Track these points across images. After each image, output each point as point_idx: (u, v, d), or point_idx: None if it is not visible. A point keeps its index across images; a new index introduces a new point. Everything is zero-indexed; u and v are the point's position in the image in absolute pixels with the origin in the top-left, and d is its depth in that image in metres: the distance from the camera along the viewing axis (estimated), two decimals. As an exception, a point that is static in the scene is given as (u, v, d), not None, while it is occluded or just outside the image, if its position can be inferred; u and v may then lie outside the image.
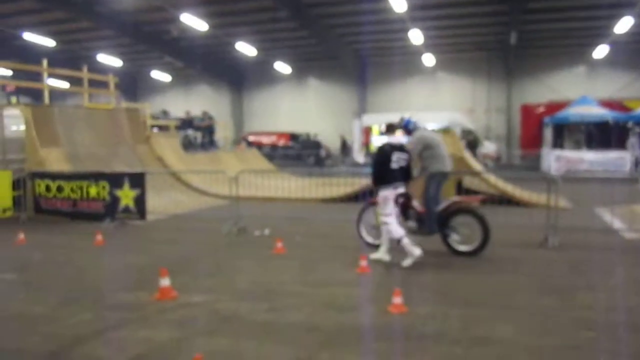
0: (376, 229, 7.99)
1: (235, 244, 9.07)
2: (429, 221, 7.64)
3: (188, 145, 18.73)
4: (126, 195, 10.87)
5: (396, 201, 7.26)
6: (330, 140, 32.26)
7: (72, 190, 11.60)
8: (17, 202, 12.25)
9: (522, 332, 4.72)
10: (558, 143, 25.03)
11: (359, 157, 29.29)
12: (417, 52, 29.59)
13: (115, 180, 11.02)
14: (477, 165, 14.50)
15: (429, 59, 30.44)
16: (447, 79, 32.62)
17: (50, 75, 16.23)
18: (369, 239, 8.24)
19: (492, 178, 13.23)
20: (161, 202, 12.31)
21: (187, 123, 19.72)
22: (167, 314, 5.35)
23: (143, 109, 18.39)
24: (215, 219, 11.29)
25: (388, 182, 7.15)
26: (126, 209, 10.89)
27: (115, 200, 10.95)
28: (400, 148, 7.30)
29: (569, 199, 12.48)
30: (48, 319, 5.31)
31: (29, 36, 26.22)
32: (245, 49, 28.52)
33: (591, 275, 6.68)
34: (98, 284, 6.70)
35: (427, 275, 6.75)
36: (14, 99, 13.83)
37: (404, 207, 7.59)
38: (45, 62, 14.63)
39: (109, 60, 30.85)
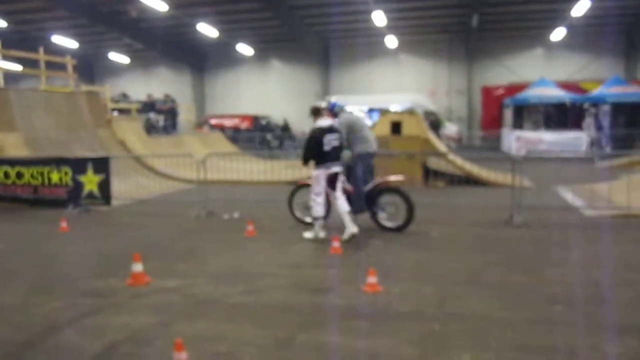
0: (308, 209, 8.31)
1: (205, 227, 9.00)
2: (357, 200, 8.04)
3: (150, 128, 18.36)
4: (90, 181, 10.62)
5: (331, 180, 7.60)
6: (293, 123, 32.14)
7: (32, 176, 11.23)
8: (-27, 189, 11.83)
9: (495, 308, 4.86)
10: (518, 124, 25.64)
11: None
12: (380, 34, 29.64)
13: (78, 165, 10.73)
14: (442, 147, 14.71)
15: (391, 41, 30.55)
16: (409, 61, 32.84)
17: (4, 58, 15.58)
18: (303, 218, 8.66)
19: (459, 160, 13.46)
20: (126, 187, 12.08)
21: (149, 106, 19.30)
22: (142, 299, 5.28)
23: (103, 92, 17.90)
24: (183, 203, 11.18)
25: (321, 163, 7.48)
26: (90, 195, 10.64)
27: (78, 185, 10.67)
28: (330, 130, 7.58)
29: (530, 178, 12.81)
30: (18, 308, 5.17)
31: (-22, 17, 25.19)
32: (207, 30, 28.01)
33: (555, 252, 6.90)
34: (67, 271, 6.55)
35: (400, 255, 6.86)
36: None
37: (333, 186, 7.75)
38: (-2, 43, 14.07)
39: (65, 41, 29.79)
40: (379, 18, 25.04)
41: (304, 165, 7.78)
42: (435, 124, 23.64)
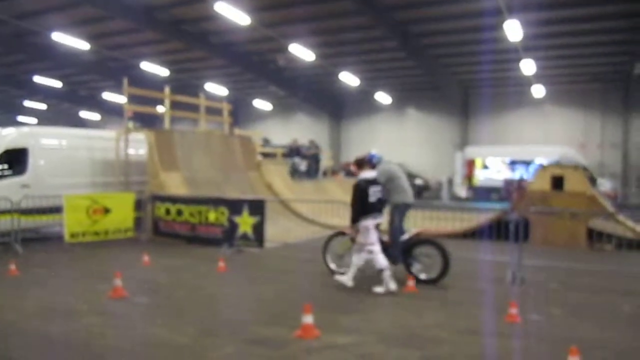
0: (340, 258, 8.53)
1: (360, 278, 8.67)
2: (394, 251, 8.04)
3: (294, 172, 18.80)
4: (245, 222, 10.86)
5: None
6: (428, 172, 31.51)
7: (191, 214, 11.79)
8: (137, 223, 12.66)
9: None
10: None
11: (461, 190, 28.24)
12: (525, 83, 28.34)
13: (235, 206, 11.05)
14: (609, 206, 13.30)
15: (538, 90, 29.05)
16: (556, 111, 30.90)
17: (161, 102, 16.90)
18: (333, 266, 8.63)
19: (629, 221, 12.07)
20: (274, 230, 12.20)
21: (294, 151, 19.86)
22: (314, 356, 5.02)
23: (254, 136, 18.71)
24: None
25: (368, 214, 7.50)
26: (244, 236, 10.86)
27: (234, 226, 10.96)
28: (374, 182, 7.73)
29: None
30: (193, 351, 5.16)
31: (146, 65, 27.76)
32: (349, 78, 28.60)
33: None
34: (232, 314, 6.54)
35: (603, 330, 5.99)
36: (131, 124, 14.38)
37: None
38: (167, 89, 15.22)
39: (216, 89, 32.01)
40: (527, 67, 23.96)
41: (353, 222, 7.63)
42: (590, 180, 21.78)
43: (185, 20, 22.27)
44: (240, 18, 18.57)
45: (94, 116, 44.54)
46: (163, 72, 28.47)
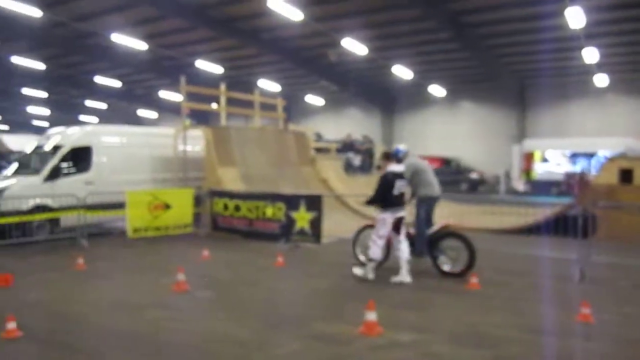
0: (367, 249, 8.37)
1: (418, 273, 8.50)
2: (420, 243, 8.20)
3: (347, 167, 18.69)
4: (302, 218, 10.84)
5: (396, 225, 7.78)
6: (483, 166, 30.77)
7: (248, 209, 11.89)
8: (195, 218, 12.87)
9: None
10: None
11: (519, 184, 27.42)
12: (587, 72, 27.19)
13: (292, 202, 11.06)
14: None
15: (601, 80, 27.82)
16: (620, 101, 29.50)
17: (215, 99, 17.09)
18: (362, 258, 8.61)
19: None
20: (329, 225, 12.11)
21: (348, 146, 19.75)
22: (379, 353, 4.92)
23: (307, 132, 18.72)
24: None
25: (389, 207, 7.67)
26: (301, 231, 10.85)
27: (291, 221, 10.97)
28: (400, 175, 7.88)
29: None
30: (259, 346, 5.16)
31: (200, 63, 28.24)
32: (401, 71, 28.21)
33: None
34: (294, 309, 6.52)
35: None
36: (187, 121, 14.61)
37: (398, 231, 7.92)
38: (223, 86, 15.41)
39: (269, 85, 32.24)
40: (589, 55, 22.95)
41: (367, 205, 8.15)
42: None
43: (237, 18, 22.48)
44: (293, 13, 18.58)
45: (151, 114, 45.81)
46: (217, 69, 28.88)
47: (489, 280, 7.77)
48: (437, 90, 32.75)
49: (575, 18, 17.69)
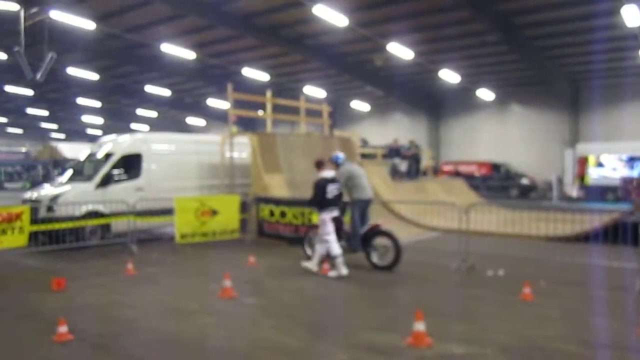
0: (312, 246, 9.67)
1: (470, 283, 8.27)
2: (354, 240, 9.27)
3: (394, 173, 18.49)
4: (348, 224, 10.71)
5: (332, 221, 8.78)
6: (534, 171, 29.90)
7: (294, 216, 11.88)
8: (242, 224, 12.95)
9: None
10: None
11: (572, 190, 26.46)
12: (644, 73, 26.13)
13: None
14: None
15: (659, 80, 26.67)
16: (680, 102, 28.21)
17: (262, 106, 17.21)
18: (309, 252, 9.82)
19: None
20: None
21: (394, 151, 19.54)
22: (429, 365, 4.77)
23: (353, 137, 18.63)
24: (436, 252, 10.68)
25: (326, 208, 8.75)
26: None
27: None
28: (332, 180, 9.00)
29: None
30: (306, 355, 5.08)
31: (247, 71, 28.59)
32: (448, 75, 27.76)
33: None
34: (339, 317, 6.43)
35: None
36: (234, 128, 14.76)
37: (337, 229, 8.98)
38: (269, 93, 15.52)
39: (315, 91, 32.31)
40: (647, 54, 22.03)
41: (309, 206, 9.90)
42: None
43: (283, 25, 22.66)
44: (338, 19, 18.57)
45: (199, 122, 46.73)
46: (263, 76, 29.19)
47: (542, 290, 7.47)
48: (485, 94, 32.08)
49: (632, 16, 16.98)
